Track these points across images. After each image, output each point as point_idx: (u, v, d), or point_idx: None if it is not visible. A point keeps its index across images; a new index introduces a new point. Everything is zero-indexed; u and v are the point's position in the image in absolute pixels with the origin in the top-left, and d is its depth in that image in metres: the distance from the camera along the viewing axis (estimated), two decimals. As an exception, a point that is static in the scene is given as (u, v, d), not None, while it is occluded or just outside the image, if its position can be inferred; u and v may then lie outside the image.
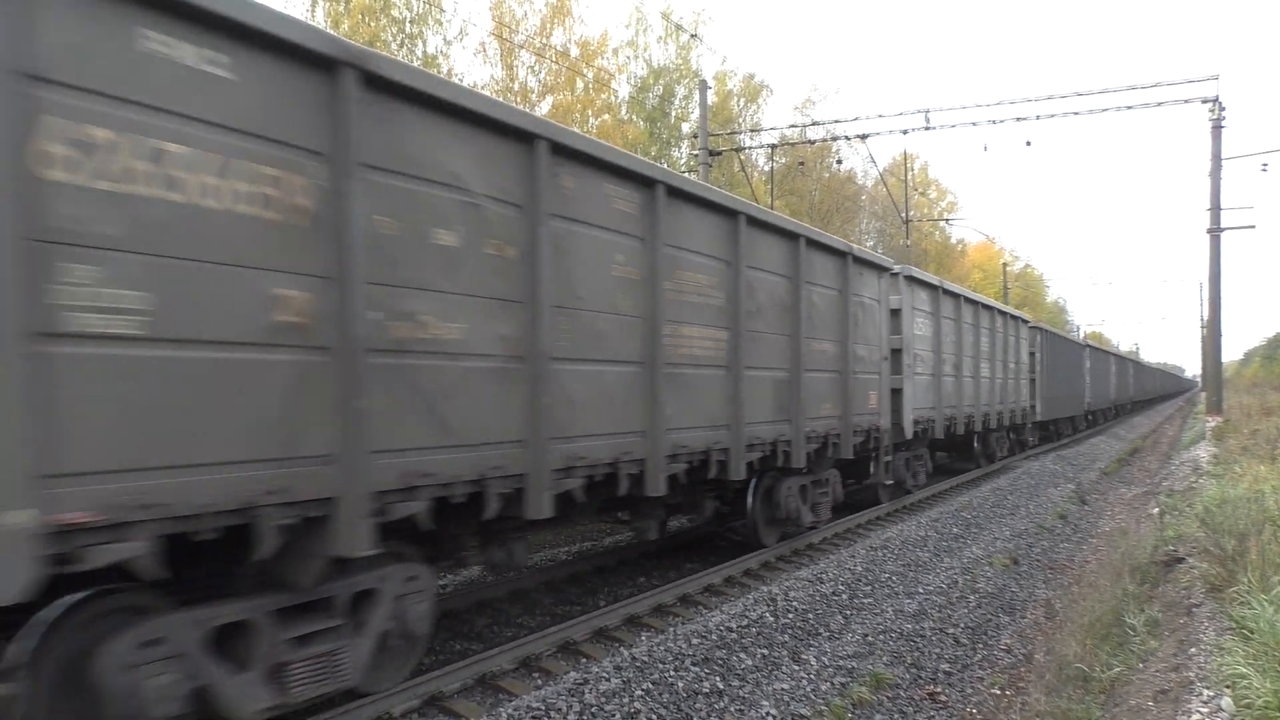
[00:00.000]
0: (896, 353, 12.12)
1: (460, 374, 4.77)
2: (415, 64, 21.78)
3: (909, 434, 12.43)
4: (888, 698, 5.82)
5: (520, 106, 24.74)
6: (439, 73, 22.47)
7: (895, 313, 12.18)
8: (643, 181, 6.29)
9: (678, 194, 6.66)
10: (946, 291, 14.22)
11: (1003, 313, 18.49)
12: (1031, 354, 21.43)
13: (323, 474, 4.02)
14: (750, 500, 9.02)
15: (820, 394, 9.27)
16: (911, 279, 12.72)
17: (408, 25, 26.48)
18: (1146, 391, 62.12)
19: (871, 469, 11.99)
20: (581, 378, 5.70)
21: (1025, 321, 20.70)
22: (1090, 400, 32.19)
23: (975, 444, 17.53)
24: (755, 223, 7.82)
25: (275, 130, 3.82)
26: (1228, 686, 4.23)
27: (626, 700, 4.93)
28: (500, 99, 5.86)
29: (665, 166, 7.17)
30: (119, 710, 3.55)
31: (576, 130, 6.04)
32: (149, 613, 3.74)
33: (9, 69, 2.95)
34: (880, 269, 11.05)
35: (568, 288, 5.55)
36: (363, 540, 4.14)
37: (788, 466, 8.76)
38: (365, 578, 4.64)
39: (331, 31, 4.51)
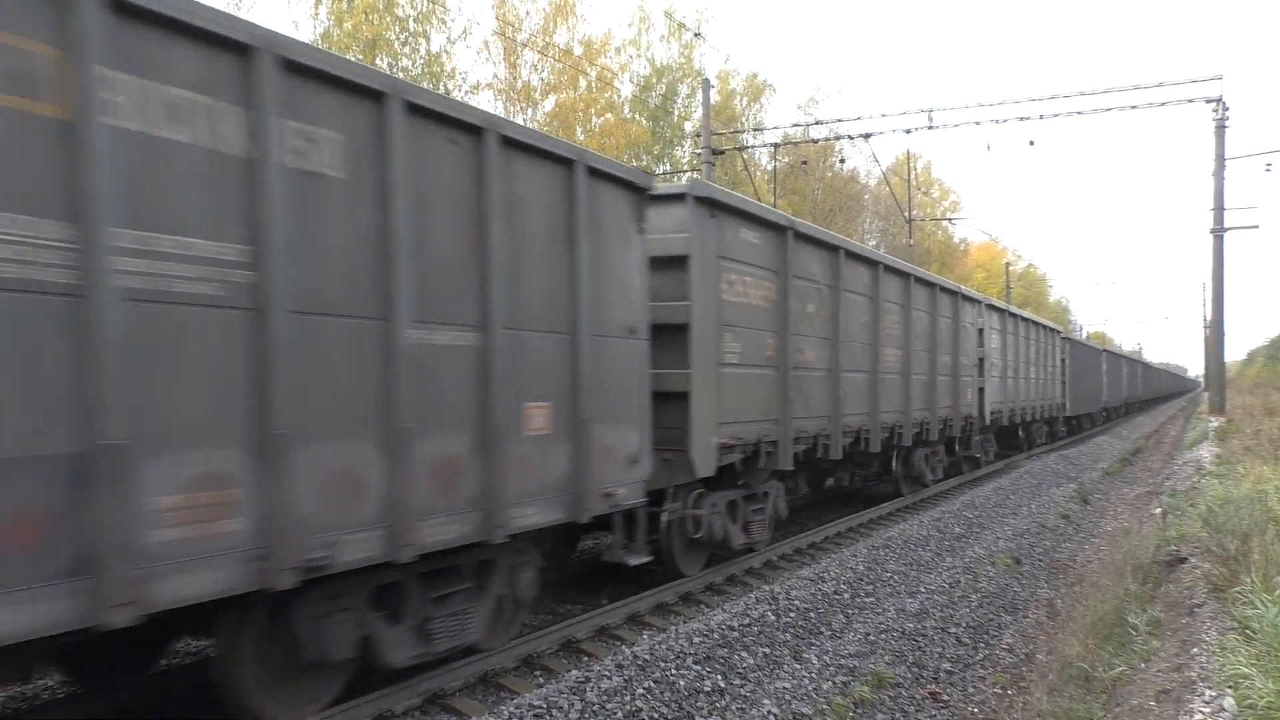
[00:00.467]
0: (980, 361, 16.32)
1: (812, 379, 9.01)
2: (418, 63, 25.39)
3: (987, 422, 16.66)
4: (889, 697, 5.81)
5: (523, 106, 28.07)
6: (442, 71, 26.07)
7: (980, 331, 16.37)
8: (873, 264, 10.53)
9: (889, 269, 10.91)
10: (1010, 313, 18.45)
11: (1044, 326, 22.71)
12: (1062, 360, 25.63)
13: (775, 429, 8.26)
14: (895, 464, 13.24)
15: (943, 391, 13.50)
16: (990, 306, 16.93)
17: (411, 24, 25.97)
18: (1152, 390, 66.30)
19: (957, 447, 16.20)
20: (849, 381, 9.92)
21: (1058, 332, 24.91)
22: (1106, 398, 36.48)
23: (1020, 433, 21.73)
24: (919, 280, 12.07)
25: (768, 263, 8.05)
26: (1230, 686, 4.17)
27: (628, 698, 4.93)
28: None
29: (884, 252, 11.34)
30: (702, 532, 7.74)
31: (854, 240, 10.26)
32: (704, 494, 7.94)
33: (715, 254, 7.18)
34: (974, 301, 15.28)
35: (846, 330, 9.78)
36: (789, 462, 8.39)
37: (925, 440, 12.98)
38: (765, 485, 8.85)
39: (778, 210, 8.71)
